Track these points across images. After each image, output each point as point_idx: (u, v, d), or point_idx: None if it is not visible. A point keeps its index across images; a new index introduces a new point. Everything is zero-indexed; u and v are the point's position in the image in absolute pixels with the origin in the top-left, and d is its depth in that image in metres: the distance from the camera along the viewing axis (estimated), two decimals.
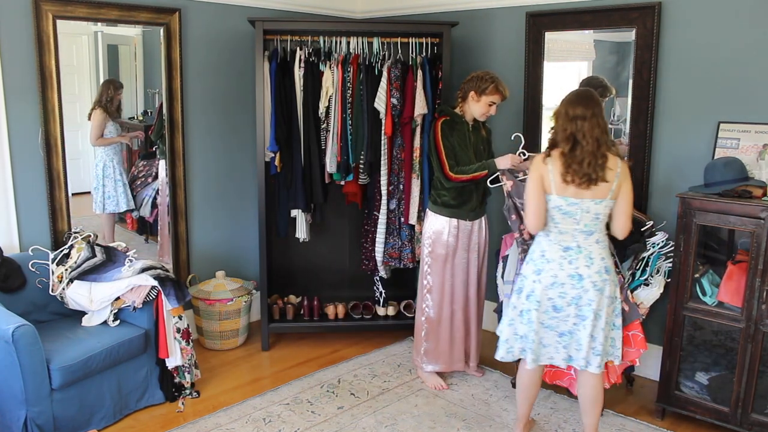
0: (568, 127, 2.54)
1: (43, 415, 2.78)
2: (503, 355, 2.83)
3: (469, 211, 3.42)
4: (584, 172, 2.52)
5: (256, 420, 3.17)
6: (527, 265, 2.76)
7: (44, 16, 3.29)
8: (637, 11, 3.40)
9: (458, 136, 3.33)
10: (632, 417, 3.23)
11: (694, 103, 3.31)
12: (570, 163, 2.53)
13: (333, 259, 4.48)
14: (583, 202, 2.57)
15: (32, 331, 2.72)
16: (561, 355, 2.74)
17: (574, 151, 2.53)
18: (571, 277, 2.62)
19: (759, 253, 2.78)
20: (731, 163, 3.00)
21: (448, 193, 3.37)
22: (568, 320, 2.67)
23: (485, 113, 3.33)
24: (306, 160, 3.89)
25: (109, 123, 3.74)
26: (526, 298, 2.73)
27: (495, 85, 3.25)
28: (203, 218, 4.18)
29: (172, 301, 3.18)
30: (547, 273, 2.65)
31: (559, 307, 2.67)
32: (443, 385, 3.53)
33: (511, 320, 2.79)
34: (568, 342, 2.71)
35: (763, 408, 2.91)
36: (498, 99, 3.29)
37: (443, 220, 3.40)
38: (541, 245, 2.70)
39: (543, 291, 2.66)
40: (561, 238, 2.64)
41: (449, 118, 3.35)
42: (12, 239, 3.36)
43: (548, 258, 2.66)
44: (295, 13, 4.38)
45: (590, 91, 2.67)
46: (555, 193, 2.58)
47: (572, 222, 2.60)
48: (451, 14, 4.19)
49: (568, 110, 2.56)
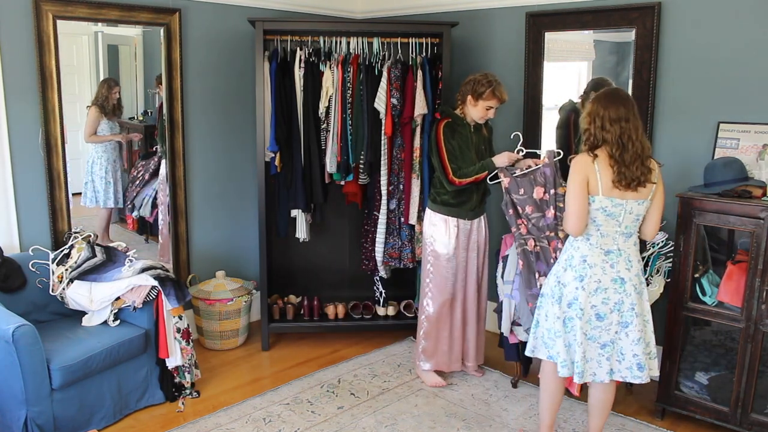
0: (612, 129, 2.48)
1: (43, 415, 2.78)
2: (560, 370, 2.65)
3: (468, 210, 3.41)
4: (634, 176, 2.48)
5: (256, 420, 3.17)
6: (566, 272, 2.62)
7: (44, 16, 3.29)
8: (637, 11, 3.40)
9: (460, 138, 3.32)
10: (632, 417, 3.23)
11: (693, 103, 3.31)
12: (620, 166, 2.48)
13: (333, 259, 4.48)
14: (627, 203, 2.52)
15: (32, 331, 2.72)
16: (604, 369, 2.63)
17: (624, 154, 2.48)
18: (614, 282, 2.56)
19: (759, 253, 2.78)
20: (731, 163, 3.00)
21: (447, 192, 3.37)
22: (611, 329, 2.60)
23: (483, 117, 3.32)
24: (306, 160, 3.89)
25: (104, 121, 3.74)
26: (568, 306, 2.62)
27: (492, 90, 3.21)
28: (203, 218, 4.18)
29: (172, 301, 3.18)
30: (590, 279, 2.56)
31: (603, 315, 2.58)
32: (442, 382, 3.53)
33: (558, 331, 2.64)
34: (611, 353, 2.62)
35: (762, 408, 2.91)
36: (495, 103, 3.27)
37: (442, 218, 3.40)
38: (581, 250, 2.59)
39: (587, 298, 2.56)
40: (603, 242, 2.56)
41: (451, 120, 3.33)
42: (12, 239, 3.36)
43: (590, 263, 2.57)
44: (295, 14, 4.38)
45: (623, 90, 2.63)
46: (602, 194, 2.51)
47: (615, 224, 2.55)
48: (451, 14, 4.19)
49: (609, 112, 2.50)
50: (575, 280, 2.59)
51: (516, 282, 3.29)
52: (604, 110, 2.52)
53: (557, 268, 2.70)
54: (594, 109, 2.55)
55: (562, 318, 2.64)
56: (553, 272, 2.73)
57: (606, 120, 2.50)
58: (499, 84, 3.26)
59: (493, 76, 3.27)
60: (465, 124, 3.35)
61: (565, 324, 2.64)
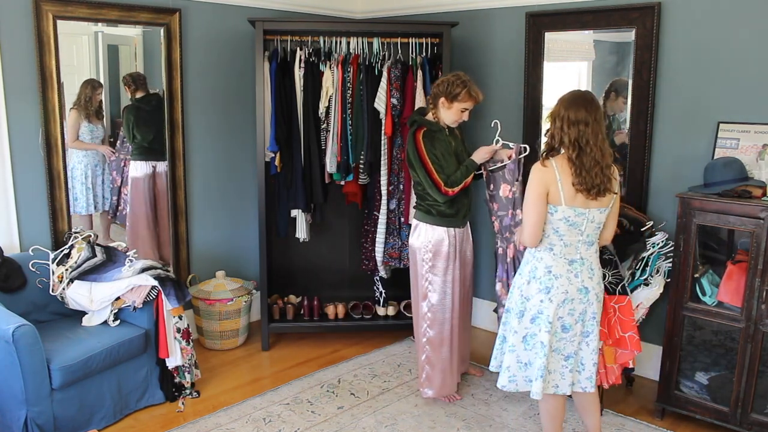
0: (570, 131, 2.39)
1: (43, 415, 2.78)
2: (505, 384, 2.62)
3: (462, 218, 3.25)
4: (594, 183, 2.39)
5: (256, 420, 3.17)
6: (530, 285, 2.54)
7: (44, 16, 3.29)
8: (637, 11, 3.40)
9: (440, 145, 3.12)
10: (632, 417, 3.23)
11: (693, 103, 3.31)
12: (580, 169, 2.39)
13: (333, 259, 4.48)
14: (590, 212, 2.45)
15: (32, 331, 2.72)
16: (567, 381, 2.57)
17: (581, 158, 2.38)
18: (579, 291, 2.50)
19: (759, 253, 2.78)
20: (731, 163, 3.00)
21: (443, 203, 3.15)
22: (575, 340, 2.55)
23: (457, 120, 3.13)
24: (306, 160, 3.89)
25: (84, 124, 3.64)
26: (530, 321, 2.54)
27: (467, 90, 3.04)
28: (203, 218, 4.18)
29: (172, 301, 3.18)
30: (557, 290, 2.48)
31: (568, 326, 2.52)
32: (456, 396, 3.39)
33: (513, 346, 2.58)
34: (573, 365, 2.57)
35: (762, 408, 2.91)
36: (471, 104, 3.10)
37: (442, 230, 3.18)
38: (544, 261, 2.51)
39: (555, 310, 2.49)
40: (566, 251, 2.49)
41: (426, 128, 3.12)
42: (12, 239, 3.36)
43: (556, 274, 2.49)
44: (295, 14, 4.38)
45: (590, 93, 2.54)
46: (564, 204, 2.43)
47: (577, 233, 2.48)
48: (451, 14, 4.19)
49: (569, 113, 2.40)
50: (540, 292, 2.51)
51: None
52: (565, 111, 2.43)
53: (519, 281, 2.60)
54: (556, 110, 2.46)
55: (522, 334, 2.57)
56: (515, 285, 2.63)
57: (565, 121, 2.40)
58: (473, 84, 3.09)
59: (465, 76, 3.09)
60: (441, 129, 3.15)
61: (525, 341, 2.57)
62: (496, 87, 4.08)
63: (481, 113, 4.14)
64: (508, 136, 4.02)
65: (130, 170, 3.92)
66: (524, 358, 2.58)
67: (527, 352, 2.57)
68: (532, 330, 2.55)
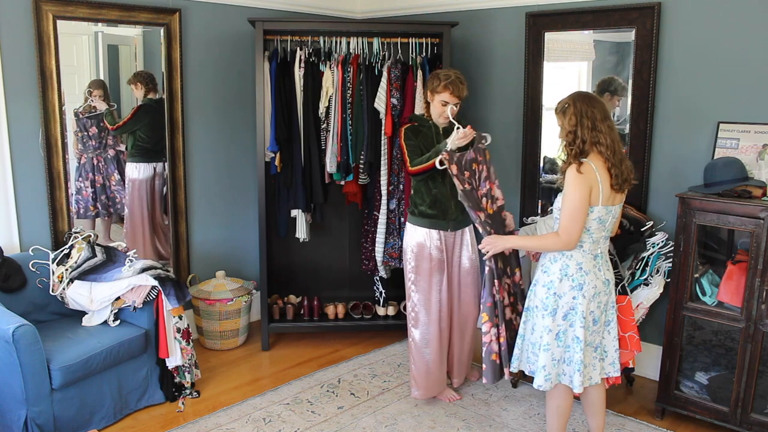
0: (602, 127, 2.42)
1: (43, 415, 2.78)
2: (542, 383, 2.62)
3: (450, 220, 3.20)
4: (624, 176, 2.47)
5: (256, 420, 3.17)
6: (562, 283, 2.55)
7: (44, 16, 3.29)
8: (637, 11, 3.40)
9: (423, 139, 3.15)
10: (632, 417, 3.23)
11: (693, 103, 3.31)
12: (616, 168, 2.44)
13: (333, 259, 4.48)
14: (615, 207, 2.54)
15: (32, 331, 2.72)
16: (597, 371, 2.64)
17: (616, 153, 2.44)
18: (604, 284, 2.58)
19: (758, 253, 2.79)
20: (731, 163, 3.00)
21: (423, 202, 3.16)
22: (600, 330, 2.62)
23: (441, 113, 3.11)
24: (306, 160, 3.89)
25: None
26: (563, 318, 2.56)
27: (444, 84, 3.03)
28: (203, 218, 4.18)
29: (172, 301, 3.18)
30: (588, 285, 2.53)
31: (597, 319, 2.58)
32: (455, 396, 3.40)
33: (547, 345, 2.58)
34: (601, 354, 2.64)
35: (762, 408, 2.91)
36: (448, 98, 3.06)
37: (423, 231, 3.18)
38: (575, 258, 2.53)
39: (587, 305, 2.53)
40: (592, 248, 2.54)
41: (414, 124, 3.20)
42: (12, 239, 3.36)
43: (585, 270, 2.53)
44: (295, 14, 4.38)
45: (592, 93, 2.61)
46: (601, 204, 2.46)
47: (602, 229, 2.53)
48: (451, 14, 4.19)
49: (595, 111, 2.43)
50: (573, 289, 2.54)
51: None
52: (591, 109, 2.44)
53: (547, 279, 2.59)
54: (580, 109, 2.44)
55: (556, 331, 2.59)
56: (541, 283, 2.62)
57: (596, 119, 2.43)
58: (457, 79, 3.05)
59: (452, 71, 3.10)
60: (430, 126, 3.19)
61: (558, 338, 2.59)
62: (496, 87, 4.08)
63: (482, 113, 4.15)
64: (508, 136, 4.03)
65: (128, 171, 3.90)
66: (557, 355, 2.61)
67: (560, 348, 2.61)
68: (564, 326, 2.58)
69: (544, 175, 3.96)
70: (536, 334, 2.65)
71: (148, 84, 3.86)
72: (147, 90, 3.86)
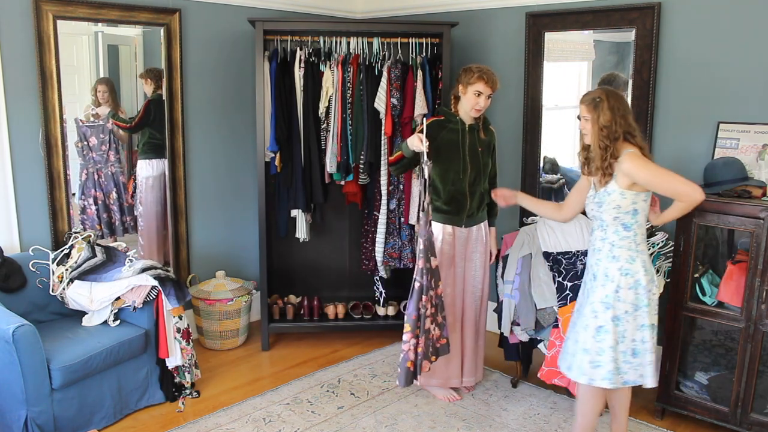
0: (630, 118, 2.53)
1: (43, 415, 2.78)
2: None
3: (465, 217, 3.25)
4: None
5: (256, 420, 3.17)
6: (645, 276, 2.53)
7: (44, 16, 3.29)
8: (637, 11, 3.40)
9: (448, 133, 3.16)
10: (632, 417, 3.22)
11: (693, 103, 3.31)
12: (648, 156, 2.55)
13: (333, 259, 4.48)
14: None
15: (33, 331, 2.72)
16: None
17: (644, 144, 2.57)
18: None
19: (758, 253, 2.79)
20: (731, 163, 3.00)
21: (439, 198, 3.22)
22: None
23: (473, 105, 3.11)
24: (306, 160, 3.89)
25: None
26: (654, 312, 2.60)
27: (479, 75, 3.07)
28: (203, 218, 4.18)
29: (172, 301, 3.18)
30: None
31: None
32: (455, 396, 3.40)
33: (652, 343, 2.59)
34: None
35: (762, 408, 2.92)
36: (483, 88, 3.07)
37: (437, 226, 3.22)
38: (644, 253, 2.58)
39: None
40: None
41: (442, 117, 3.21)
42: (12, 239, 3.36)
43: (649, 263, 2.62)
44: (295, 14, 4.38)
45: None
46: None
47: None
48: (451, 14, 4.20)
49: (624, 105, 2.54)
50: (650, 282, 2.56)
51: (516, 282, 3.29)
52: (621, 103, 2.53)
53: (632, 280, 2.52)
54: (615, 104, 2.51)
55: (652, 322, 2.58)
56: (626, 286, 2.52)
57: (627, 112, 2.54)
58: (489, 71, 3.11)
59: (484, 66, 3.15)
60: (457, 121, 3.19)
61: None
62: None
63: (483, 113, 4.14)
64: (508, 136, 4.03)
65: (141, 169, 3.93)
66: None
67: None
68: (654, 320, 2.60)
69: (544, 175, 3.96)
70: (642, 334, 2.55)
71: (158, 80, 3.87)
72: (156, 86, 3.87)
